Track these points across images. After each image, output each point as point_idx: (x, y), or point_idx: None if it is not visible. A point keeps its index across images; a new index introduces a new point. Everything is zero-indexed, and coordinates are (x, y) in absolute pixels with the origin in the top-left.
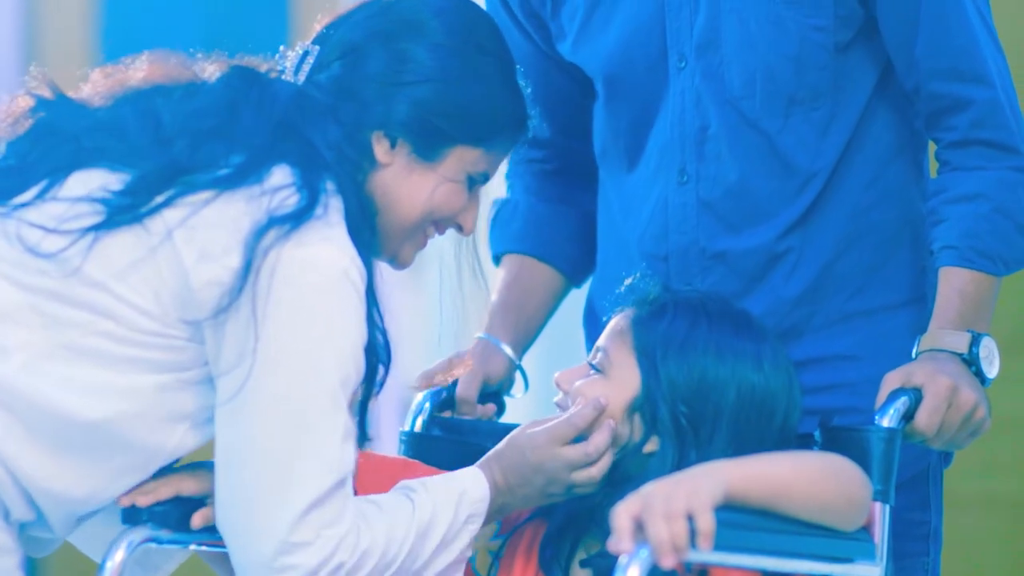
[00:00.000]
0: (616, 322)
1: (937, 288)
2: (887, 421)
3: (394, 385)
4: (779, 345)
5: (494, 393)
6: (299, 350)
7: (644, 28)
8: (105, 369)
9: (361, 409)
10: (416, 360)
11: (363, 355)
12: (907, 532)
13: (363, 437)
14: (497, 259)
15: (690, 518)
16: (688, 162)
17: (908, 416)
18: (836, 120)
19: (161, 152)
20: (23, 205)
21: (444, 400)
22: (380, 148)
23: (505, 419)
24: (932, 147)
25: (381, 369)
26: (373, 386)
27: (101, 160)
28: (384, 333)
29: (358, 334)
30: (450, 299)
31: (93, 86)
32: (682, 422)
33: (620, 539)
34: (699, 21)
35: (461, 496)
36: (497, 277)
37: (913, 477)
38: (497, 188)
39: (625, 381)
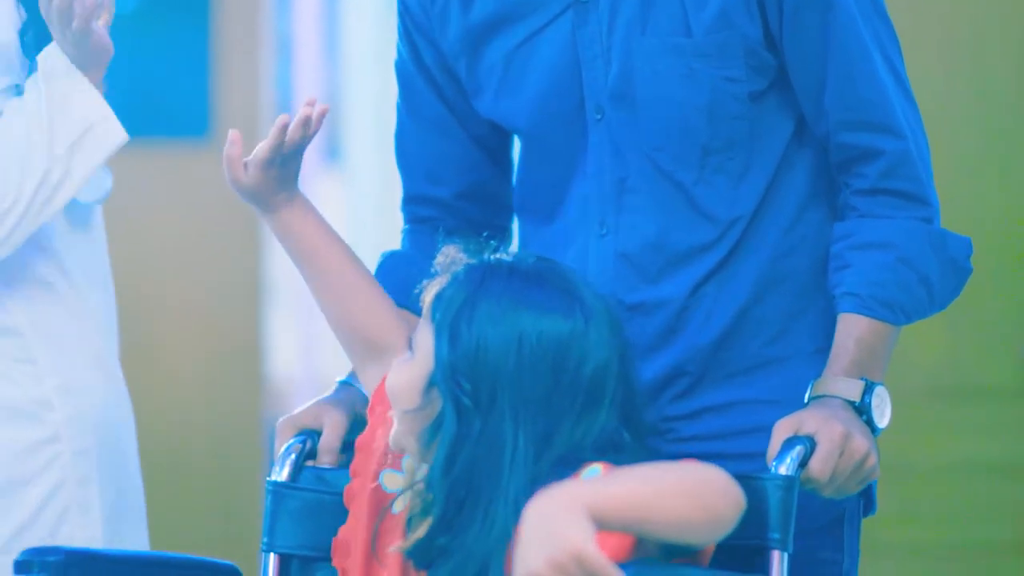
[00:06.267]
0: (425, 297)
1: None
2: (784, 469)
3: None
4: (585, 294)
5: (353, 441)
6: None
7: (561, 80)
8: None
9: None
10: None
11: None
12: (818, 572)
13: None
14: None
15: None
16: (607, 214)
17: (802, 463)
18: (752, 169)
19: None
20: None
21: (310, 450)
22: None
23: None
24: None
25: None
26: None
27: None
28: None
29: None
30: None
31: None
32: (459, 395)
33: None
34: (613, 72)
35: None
36: None
37: (829, 521)
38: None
39: (425, 358)
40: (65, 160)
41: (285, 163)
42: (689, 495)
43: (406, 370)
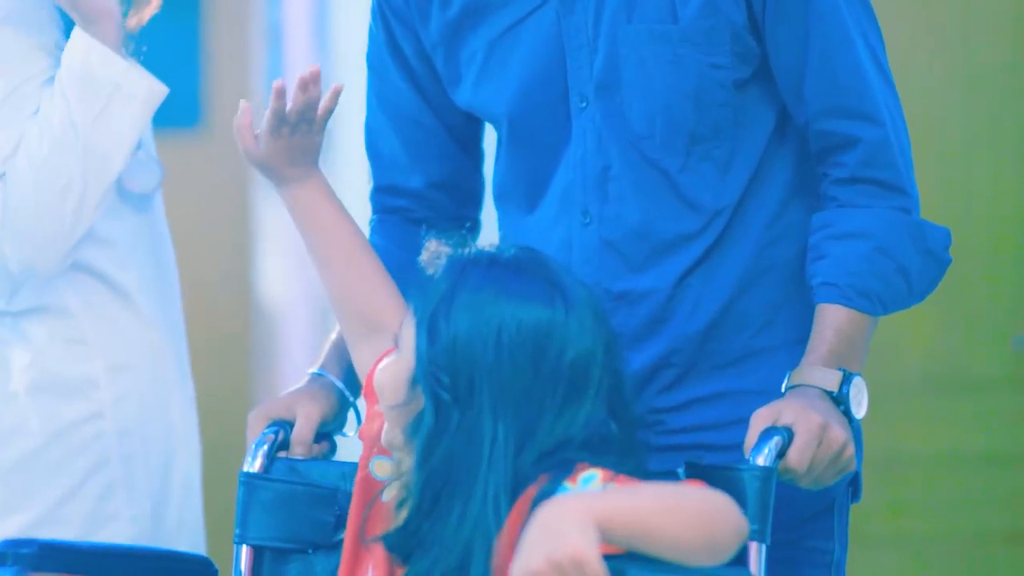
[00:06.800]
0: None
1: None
2: (762, 460)
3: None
4: (568, 284)
5: (326, 432)
6: None
7: (545, 69)
8: None
9: None
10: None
11: None
12: (809, 560)
13: None
14: None
15: None
16: (591, 203)
17: (780, 454)
18: (737, 157)
19: None
20: None
21: (282, 441)
22: None
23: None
24: None
25: None
26: None
27: None
28: None
29: None
30: None
31: None
32: (438, 390)
33: None
34: (598, 61)
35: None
36: None
37: (818, 511)
38: None
39: (409, 353)
40: (101, 126)
41: (295, 132)
42: (696, 522)
43: (392, 366)
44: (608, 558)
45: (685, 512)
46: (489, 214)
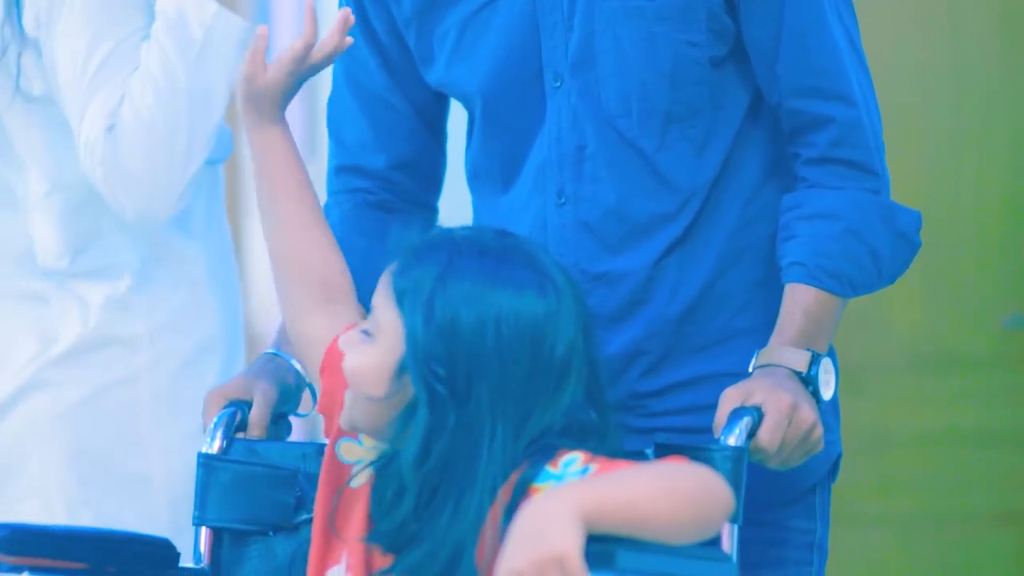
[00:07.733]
0: (384, 276)
1: (781, 303)
2: (733, 440)
3: None
4: (553, 270)
5: (281, 412)
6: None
7: (519, 47)
8: None
9: None
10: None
11: None
12: (790, 540)
13: None
14: None
15: None
16: (566, 183)
17: (750, 434)
18: (713, 137)
19: None
20: None
21: (240, 422)
22: None
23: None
24: None
25: None
26: None
27: None
28: None
29: None
30: None
31: None
32: (433, 383)
33: None
34: (574, 39)
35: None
36: None
37: (801, 491)
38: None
39: (392, 342)
40: (201, 67)
41: (313, 69)
42: (687, 503)
43: (371, 354)
44: (597, 539)
45: (676, 494)
46: (448, 197)
